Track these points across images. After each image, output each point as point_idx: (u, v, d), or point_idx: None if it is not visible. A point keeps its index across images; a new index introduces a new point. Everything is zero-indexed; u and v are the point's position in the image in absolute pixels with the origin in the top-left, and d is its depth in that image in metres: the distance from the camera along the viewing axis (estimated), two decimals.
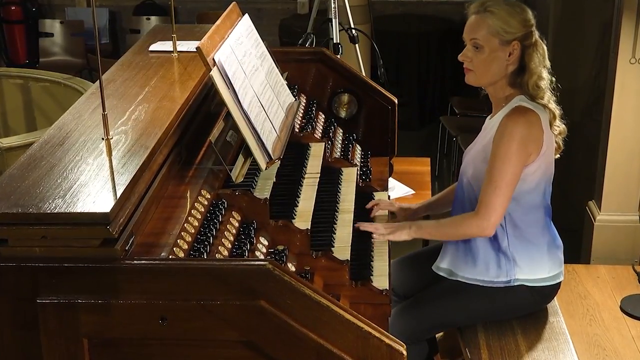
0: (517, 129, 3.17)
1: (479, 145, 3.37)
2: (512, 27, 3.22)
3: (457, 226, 3.32)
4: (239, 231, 2.87)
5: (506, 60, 3.26)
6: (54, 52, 9.22)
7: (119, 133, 2.80)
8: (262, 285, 2.33)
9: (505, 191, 3.18)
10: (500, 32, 3.22)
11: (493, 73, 3.29)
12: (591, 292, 4.85)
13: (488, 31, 3.23)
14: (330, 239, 3.19)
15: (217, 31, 3.19)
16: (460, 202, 3.44)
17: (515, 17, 3.24)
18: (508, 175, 3.17)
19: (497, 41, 3.23)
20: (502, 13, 3.23)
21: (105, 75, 3.40)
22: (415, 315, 3.46)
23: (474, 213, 3.25)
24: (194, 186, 2.89)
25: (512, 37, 3.23)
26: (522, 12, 3.26)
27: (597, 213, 5.36)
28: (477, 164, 3.33)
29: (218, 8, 8.64)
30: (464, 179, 3.41)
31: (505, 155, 3.17)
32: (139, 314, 2.36)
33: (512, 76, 3.30)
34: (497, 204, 3.19)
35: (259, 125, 3.11)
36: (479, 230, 3.24)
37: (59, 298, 2.35)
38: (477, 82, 3.36)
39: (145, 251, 2.46)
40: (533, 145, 3.22)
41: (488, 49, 3.25)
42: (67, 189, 2.41)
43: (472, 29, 3.29)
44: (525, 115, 3.22)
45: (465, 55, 3.31)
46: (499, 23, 3.22)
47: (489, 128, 3.35)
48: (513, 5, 3.27)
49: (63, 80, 6.37)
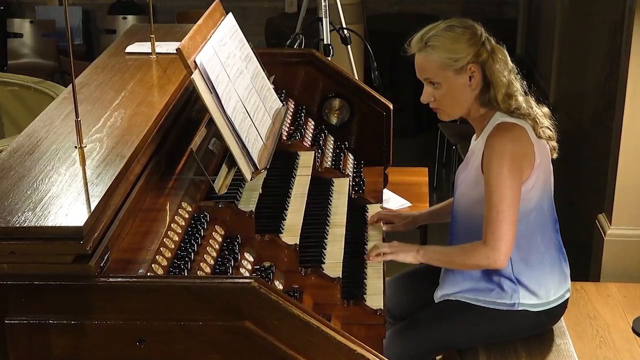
0: (505, 148, 3.17)
1: (470, 170, 3.36)
2: (460, 52, 3.21)
3: (467, 256, 3.28)
4: (222, 246, 2.87)
5: (469, 86, 3.25)
6: (24, 53, 9.22)
7: (93, 141, 2.80)
8: (247, 304, 2.34)
9: (509, 214, 3.17)
10: (450, 63, 3.21)
11: (462, 103, 3.30)
12: (601, 312, 4.86)
13: (437, 67, 3.23)
14: (321, 255, 3.20)
15: (199, 31, 3.20)
16: (459, 233, 3.44)
17: (460, 41, 3.21)
18: (507, 197, 3.16)
19: (450, 73, 3.23)
20: (444, 42, 3.21)
21: (78, 78, 3.40)
22: (412, 337, 3.46)
23: (483, 243, 3.21)
24: (173, 198, 2.89)
25: (465, 62, 3.21)
26: (464, 30, 3.24)
27: (607, 227, 5.38)
28: (473, 189, 3.32)
29: (199, 6, 8.58)
30: (461, 208, 3.41)
31: (499, 177, 3.16)
32: (114, 335, 2.36)
33: (481, 96, 3.29)
34: (505, 230, 3.17)
35: (243, 132, 3.11)
36: (490, 262, 3.21)
37: (29, 318, 2.35)
38: (450, 117, 3.40)
39: (121, 268, 2.46)
40: (525, 160, 3.21)
41: (445, 83, 3.25)
42: (38, 201, 2.42)
43: (421, 69, 3.30)
44: (511, 131, 3.21)
45: (426, 96, 3.33)
46: (445, 55, 3.20)
47: (476, 150, 3.33)
48: (452, 28, 3.24)
49: (33, 84, 6.37)
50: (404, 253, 3.38)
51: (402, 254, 3.38)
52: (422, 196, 4.41)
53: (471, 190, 3.31)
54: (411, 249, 3.38)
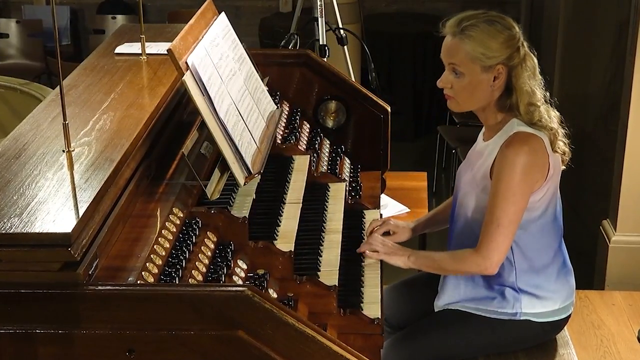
0: (519, 160, 3.15)
1: (477, 174, 3.34)
2: (494, 50, 3.18)
3: (458, 264, 3.32)
4: (214, 253, 2.88)
5: (491, 85, 3.22)
6: (10, 54, 9.21)
7: (82, 145, 2.80)
8: (240, 313, 2.34)
9: (508, 229, 3.18)
10: (481, 59, 3.18)
11: (477, 100, 3.27)
12: (605, 321, 4.87)
13: (467, 57, 3.19)
14: (316, 263, 3.20)
15: (191, 31, 3.21)
16: (459, 237, 3.44)
17: (497, 39, 3.18)
18: (511, 212, 3.16)
19: (478, 68, 3.19)
20: (481, 36, 3.17)
21: (66, 80, 3.40)
22: (410, 347, 3.46)
23: (475, 251, 3.23)
24: (164, 204, 2.89)
25: (496, 62, 3.18)
26: (504, 29, 3.21)
27: (612, 233, 5.38)
28: (478, 194, 3.32)
29: (191, 6, 8.65)
30: (463, 212, 3.40)
31: (507, 190, 3.15)
32: (103, 345, 2.36)
33: (501, 100, 3.27)
34: (500, 242, 3.18)
35: (236, 136, 3.12)
36: (479, 269, 3.24)
37: (15, 328, 2.36)
38: (460, 109, 3.34)
39: (110, 276, 2.46)
40: (538, 173, 3.21)
41: (469, 75, 3.21)
42: (24, 207, 2.42)
43: (448, 53, 3.25)
44: (528, 142, 3.19)
45: (445, 81, 3.28)
46: (479, 49, 3.17)
47: (485, 154, 3.31)
48: (493, 23, 3.21)
49: (19, 85, 6.37)
50: (396, 257, 3.42)
51: (394, 257, 3.42)
52: (420, 202, 4.40)
53: (476, 196, 3.30)
54: (403, 254, 3.42)
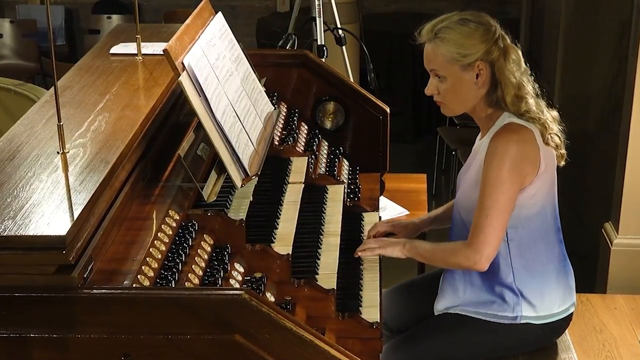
0: (508, 149, 3.17)
1: (472, 170, 3.36)
2: (470, 48, 3.20)
3: (450, 255, 3.33)
4: (211, 256, 2.88)
5: (475, 83, 3.24)
6: (4, 55, 9.22)
7: (77, 146, 2.80)
8: (237, 317, 2.34)
9: (498, 220, 3.18)
10: (458, 58, 3.21)
11: (466, 100, 3.30)
12: (607, 325, 4.87)
13: (444, 60, 3.23)
14: (314, 266, 3.20)
15: (187, 31, 3.21)
16: (458, 238, 3.43)
17: (471, 36, 3.21)
18: (500, 202, 3.17)
19: (457, 68, 3.22)
20: (455, 36, 3.20)
21: (60, 81, 3.40)
22: (409, 351, 3.46)
23: (466, 244, 3.25)
24: (160, 206, 2.89)
25: (473, 59, 3.21)
26: (478, 26, 3.22)
27: (614, 236, 5.38)
28: (470, 193, 3.33)
29: (187, 5, 8.67)
30: (460, 211, 3.42)
31: (496, 179, 3.17)
32: (99, 349, 2.36)
33: (489, 95, 3.29)
34: (490, 235, 3.19)
35: (233, 137, 3.12)
36: (470, 263, 3.24)
37: (9, 332, 2.35)
38: (453, 113, 3.39)
39: (105, 279, 2.47)
40: (529, 165, 3.22)
41: (450, 77, 3.24)
42: (18, 209, 2.42)
43: (428, 60, 3.30)
44: (518, 132, 3.21)
45: (431, 88, 3.32)
46: (454, 49, 3.20)
47: (479, 150, 3.34)
48: (465, 22, 3.23)
49: (13, 86, 6.35)
50: (391, 247, 3.44)
51: (390, 247, 3.44)
52: (420, 204, 4.40)
53: (472, 191, 3.31)
54: (398, 243, 3.45)
